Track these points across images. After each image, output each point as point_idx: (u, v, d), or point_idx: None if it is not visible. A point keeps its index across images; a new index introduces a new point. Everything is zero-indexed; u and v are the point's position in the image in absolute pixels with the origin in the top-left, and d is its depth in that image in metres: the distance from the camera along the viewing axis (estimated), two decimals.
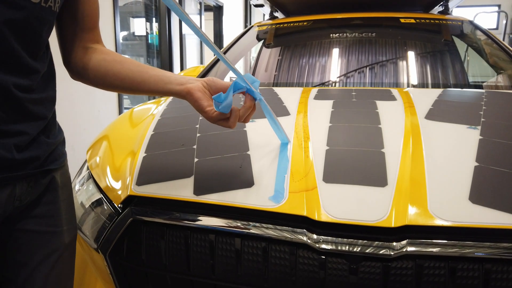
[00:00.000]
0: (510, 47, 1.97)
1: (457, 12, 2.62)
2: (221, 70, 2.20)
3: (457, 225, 0.69)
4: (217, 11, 6.40)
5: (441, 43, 2.05)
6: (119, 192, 0.92)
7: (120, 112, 3.71)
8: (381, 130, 0.98)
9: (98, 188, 0.99)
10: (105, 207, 0.93)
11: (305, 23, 2.28)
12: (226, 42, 6.74)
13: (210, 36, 6.59)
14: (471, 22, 2.19)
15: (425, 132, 0.96)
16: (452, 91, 1.39)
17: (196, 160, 0.93)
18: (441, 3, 2.51)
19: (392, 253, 0.69)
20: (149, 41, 4.63)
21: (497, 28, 6.08)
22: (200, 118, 1.16)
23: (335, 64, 1.90)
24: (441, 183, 0.78)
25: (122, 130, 1.29)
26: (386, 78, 1.74)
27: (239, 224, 0.78)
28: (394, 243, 0.70)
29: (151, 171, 0.91)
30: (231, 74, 2.34)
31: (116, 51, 3.67)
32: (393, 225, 0.71)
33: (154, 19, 4.69)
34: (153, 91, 0.79)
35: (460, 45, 2.17)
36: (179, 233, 0.82)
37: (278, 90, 1.49)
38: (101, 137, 1.26)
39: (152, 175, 0.90)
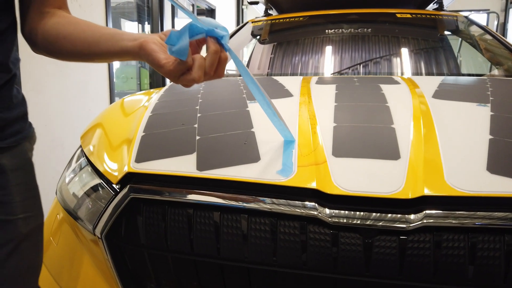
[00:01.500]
0: (508, 42, 1.97)
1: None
2: None
3: (478, 194, 0.66)
4: (209, 14, 6.39)
5: (438, 38, 2.05)
6: (117, 173, 0.87)
7: None
8: (389, 108, 0.95)
9: (97, 173, 0.94)
10: (103, 189, 0.88)
11: (300, 19, 2.26)
12: None
13: None
14: (467, 18, 2.20)
15: (435, 109, 0.93)
16: (455, 77, 1.37)
17: (198, 137, 0.88)
18: (436, 0, 2.52)
19: (409, 226, 0.66)
20: None
21: None
22: (200, 100, 1.12)
23: (331, 60, 1.88)
24: (457, 155, 0.74)
25: (116, 117, 1.24)
26: (385, 70, 1.71)
27: (246, 199, 0.73)
28: (412, 216, 0.66)
29: (151, 149, 0.87)
30: (228, 66, 2.30)
31: None
32: (410, 196, 0.67)
33: (146, 21, 4.65)
34: (105, 53, 0.68)
35: (457, 40, 2.17)
36: (181, 211, 0.77)
37: (277, 77, 1.46)
38: (95, 124, 1.21)
39: (152, 153, 0.85)
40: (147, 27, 4.70)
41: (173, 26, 4.80)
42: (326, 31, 2.07)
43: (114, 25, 5.21)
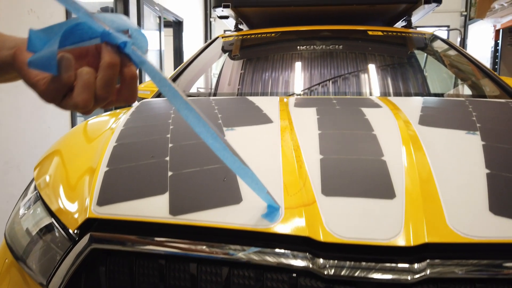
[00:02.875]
0: (473, 57, 2.00)
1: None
2: (186, 82, 2.06)
3: (485, 240, 0.60)
4: (177, 26, 6.27)
5: (410, 56, 2.05)
6: (76, 215, 0.75)
7: None
8: (376, 137, 0.89)
9: (49, 211, 0.82)
10: (57, 233, 0.76)
11: (272, 35, 2.21)
12: (187, 58, 6.60)
13: (170, 52, 6.42)
14: (435, 35, 2.22)
15: (424, 139, 0.87)
16: (434, 98, 1.35)
17: (170, 173, 0.78)
18: (404, 18, 2.55)
19: (413, 278, 0.59)
20: None
21: None
22: (171, 126, 1.02)
23: (304, 76, 1.83)
24: (456, 194, 0.69)
25: (77, 144, 1.12)
26: (359, 88, 1.68)
27: (227, 249, 0.64)
28: (416, 265, 0.59)
29: (116, 188, 0.76)
30: (197, 83, 2.20)
31: None
32: (412, 244, 0.60)
33: None
34: None
35: (427, 57, 2.19)
36: (152, 263, 0.66)
37: (252, 98, 1.38)
38: (52, 152, 1.08)
39: (117, 193, 0.74)
40: None
41: None
42: (298, 47, 2.03)
43: None
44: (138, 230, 0.68)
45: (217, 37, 2.38)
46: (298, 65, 1.90)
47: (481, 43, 5.75)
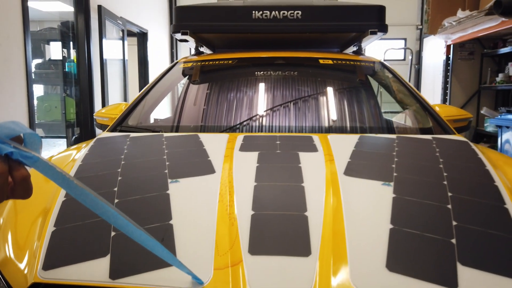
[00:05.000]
0: (411, 85, 2.18)
1: (369, 45, 2.85)
2: (148, 107, 2.13)
3: None
4: (141, 37, 6.26)
5: (356, 83, 2.20)
6: (22, 276, 0.81)
7: None
8: (303, 189, 1.00)
9: None
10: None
11: (229, 62, 2.31)
12: (151, 67, 6.59)
13: (135, 61, 6.40)
14: (381, 63, 2.38)
15: (345, 190, 0.99)
16: (368, 138, 1.48)
17: (113, 234, 0.86)
18: (355, 43, 2.71)
19: None
20: (67, 69, 4.35)
21: (404, 59, 6.72)
22: (120, 178, 1.09)
23: (255, 108, 1.93)
24: (360, 251, 0.80)
25: (35, 185, 1.17)
26: (307, 122, 1.80)
27: None
28: None
29: (62, 250, 0.82)
30: (157, 109, 2.27)
31: (27, 79, 3.38)
32: None
33: (72, 46, 4.43)
34: None
35: (373, 84, 2.35)
36: None
37: (203, 137, 1.47)
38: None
39: (62, 256, 0.81)
40: (72, 51, 4.49)
41: (101, 49, 4.60)
42: (253, 76, 2.14)
43: (36, 51, 4.90)
44: None
45: (177, 62, 2.45)
46: (250, 97, 2.00)
47: (435, 56, 6.09)
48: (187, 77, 2.38)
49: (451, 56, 5.59)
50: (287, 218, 0.89)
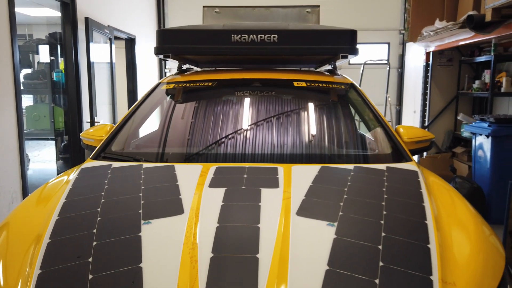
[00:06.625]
0: (377, 109, 2.34)
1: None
2: (134, 127, 2.27)
3: None
4: (129, 43, 6.34)
5: (327, 107, 2.35)
6: None
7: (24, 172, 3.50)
8: (259, 231, 1.15)
9: None
10: None
11: (209, 84, 2.45)
12: (140, 71, 6.69)
13: (123, 64, 6.49)
14: (352, 85, 2.54)
15: (294, 232, 1.15)
16: (327, 171, 1.63)
17: (90, 277, 1.00)
18: (330, 63, 2.87)
19: None
20: (55, 79, 4.45)
21: (387, 63, 6.88)
22: (99, 218, 1.23)
23: (233, 132, 2.08)
24: None
25: (26, 219, 1.34)
26: (276, 149, 1.94)
27: None
28: None
29: None
30: (144, 130, 2.41)
31: (15, 88, 3.48)
32: None
33: (59, 55, 4.52)
34: None
35: (344, 106, 2.50)
36: None
37: (178, 170, 1.61)
38: (1, 226, 1.29)
39: None
40: (61, 60, 4.57)
41: (88, 59, 4.69)
42: (231, 98, 2.29)
43: (25, 60, 4.98)
44: None
45: (159, 83, 2.59)
46: (226, 122, 2.15)
47: (417, 60, 6.27)
48: (168, 96, 2.53)
49: (430, 62, 5.78)
50: (241, 260, 1.05)
